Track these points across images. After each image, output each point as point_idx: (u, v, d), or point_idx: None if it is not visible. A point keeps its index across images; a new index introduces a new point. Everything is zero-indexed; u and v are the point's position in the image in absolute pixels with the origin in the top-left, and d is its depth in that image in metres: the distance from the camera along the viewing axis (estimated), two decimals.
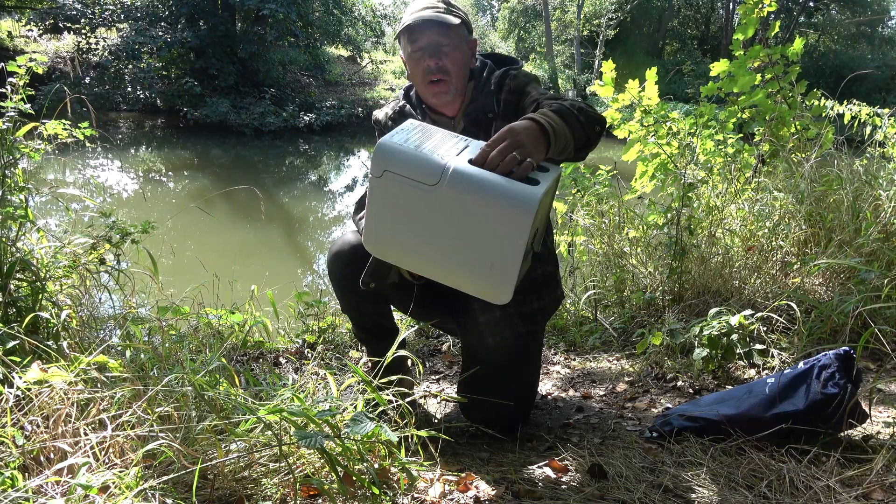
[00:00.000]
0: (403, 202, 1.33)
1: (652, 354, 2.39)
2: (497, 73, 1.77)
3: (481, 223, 1.29)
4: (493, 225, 1.29)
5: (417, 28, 1.70)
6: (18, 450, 1.19)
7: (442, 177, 1.28)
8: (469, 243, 1.33)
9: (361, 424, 1.27)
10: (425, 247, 1.38)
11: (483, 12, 35.09)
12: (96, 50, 15.41)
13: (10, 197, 2.10)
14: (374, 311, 1.90)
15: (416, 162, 1.30)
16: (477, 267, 1.35)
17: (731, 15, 26.07)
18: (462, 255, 1.35)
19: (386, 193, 1.33)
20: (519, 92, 1.74)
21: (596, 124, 1.52)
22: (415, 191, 1.30)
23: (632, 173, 3.63)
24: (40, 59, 2.26)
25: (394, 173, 1.30)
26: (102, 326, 2.35)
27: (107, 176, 10.31)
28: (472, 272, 1.37)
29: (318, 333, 2.83)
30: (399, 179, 1.30)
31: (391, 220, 1.37)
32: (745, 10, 3.43)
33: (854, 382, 1.54)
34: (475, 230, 1.30)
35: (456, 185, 1.28)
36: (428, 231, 1.35)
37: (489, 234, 1.30)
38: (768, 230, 2.78)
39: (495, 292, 1.37)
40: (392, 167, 1.30)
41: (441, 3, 1.75)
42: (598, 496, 1.38)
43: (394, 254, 1.46)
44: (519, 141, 1.31)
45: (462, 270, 1.38)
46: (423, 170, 1.29)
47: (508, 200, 1.26)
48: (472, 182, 1.27)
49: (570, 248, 3.33)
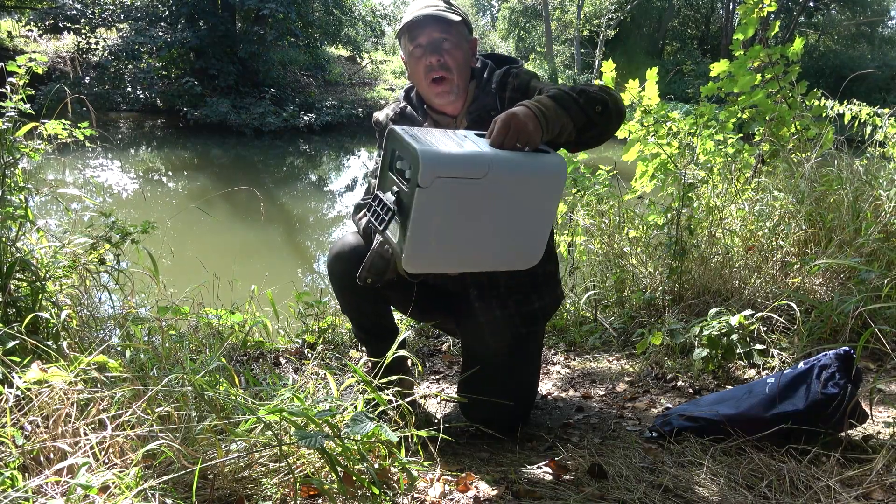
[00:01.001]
0: (456, 204, 1.34)
1: (652, 354, 2.39)
2: (499, 72, 1.77)
3: (523, 200, 1.38)
4: (533, 198, 1.39)
5: (418, 25, 1.70)
6: (18, 450, 1.19)
7: (490, 167, 1.32)
8: (511, 223, 1.39)
9: (361, 424, 1.27)
10: (468, 243, 1.40)
11: (483, 12, 35.10)
12: (96, 50, 15.40)
13: (10, 197, 2.10)
14: (374, 311, 1.90)
15: (463, 160, 1.32)
16: (514, 243, 1.43)
17: (731, 15, 26.07)
18: (503, 236, 1.41)
19: (437, 201, 1.31)
20: (523, 89, 1.74)
21: (596, 104, 1.51)
22: (465, 188, 1.32)
23: (632, 173, 3.63)
24: (40, 59, 2.27)
25: (445, 178, 1.29)
26: (102, 326, 2.35)
27: (107, 176, 10.31)
28: (509, 250, 1.44)
29: (318, 333, 2.83)
30: (450, 182, 1.30)
31: (440, 229, 1.35)
32: (745, 10, 3.43)
33: (854, 382, 1.54)
34: (517, 208, 1.38)
35: (500, 171, 1.33)
36: (472, 225, 1.38)
37: (529, 208, 1.40)
38: (768, 230, 2.78)
39: (527, 259, 1.47)
40: (443, 171, 1.29)
41: (441, 1, 1.75)
42: (598, 496, 1.38)
43: (440, 264, 1.45)
44: (522, 124, 1.38)
45: (499, 252, 1.44)
46: (472, 165, 1.32)
47: (546, 170, 1.37)
48: (511, 164, 1.35)
49: (570, 248, 3.32)
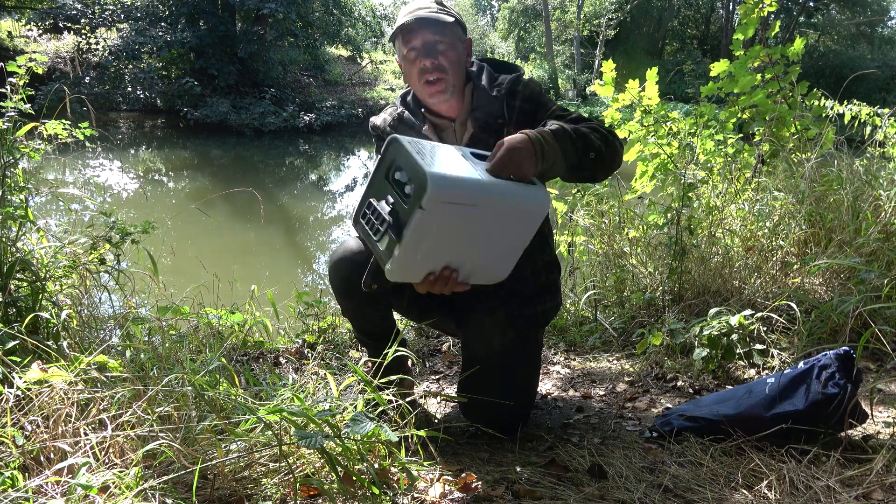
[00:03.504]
0: (453, 226, 1.37)
1: (652, 354, 2.39)
2: (508, 79, 1.77)
3: (509, 226, 1.46)
4: (515, 226, 1.47)
5: (411, 28, 1.70)
6: (18, 450, 1.20)
7: (484, 193, 1.37)
8: (490, 245, 1.47)
9: (361, 424, 1.27)
10: (449, 259, 1.44)
11: (483, 12, 35.10)
12: (96, 50, 15.41)
13: (10, 197, 2.10)
14: (376, 314, 1.89)
15: (468, 187, 1.36)
16: (489, 262, 1.52)
17: (731, 15, 26.07)
18: (481, 257, 1.49)
19: (434, 223, 1.33)
20: (535, 101, 1.76)
21: (592, 151, 1.56)
22: (461, 212, 1.35)
23: (632, 173, 3.63)
24: (40, 59, 2.27)
25: (448, 203, 1.31)
26: (102, 326, 2.35)
27: (107, 176, 10.31)
28: (483, 268, 1.52)
29: (318, 333, 2.83)
30: (450, 206, 1.32)
31: (428, 246, 1.38)
32: (745, 10, 3.43)
33: (854, 382, 1.54)
34: (500, 233, 1.46)
35: (493, 200, 1.40)
36: (458, 244, 1.43)
37: (510, 234, 1.48)
38: (768, 230, 2.78)
39: (495, 276, 1.57)
40: (448, 198, 1.31)
41: (434, 3, 1.75)
42: (598, 496, 1.38)
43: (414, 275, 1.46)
44: (521, 160, 1.44)
45: (474, 269, 1.50)
46: (473, 192, 1.36)
47: (532, 203, 1.46)
48: (504, 194, 1.41)
49: (570, 248, 3.32)
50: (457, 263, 1.45)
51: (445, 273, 1.45)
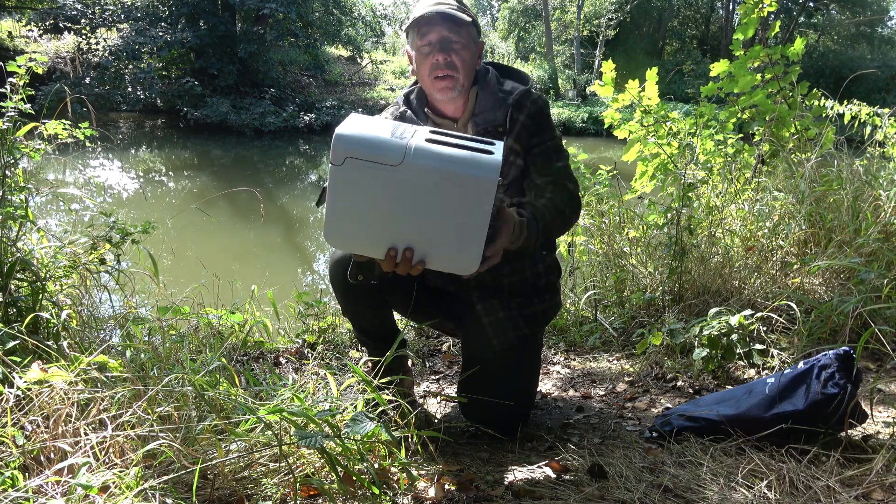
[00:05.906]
0: (367, 187, 1.32)
1: (652, 354, 2.39)
2: (519, 91, 1.77)
3: (447, 196, 1.32)
4: (459, 195, 1.32)
5: (428, 22, 1.69)
6: (18, 450, 1.20)
7: (405, 156, 1.30)
8: (435, 218, 1.35)
9: (361, 424, 1.27)
10: (387, 230, 1.37)
11: (483, 12, 35.07)
12: (96, 50, 15.40)
13: (10, 197, 2.10)
14: (375, 314, 1.89)
15: (377, 144, 1.31)
16: (444, 242, 1.38)
17: (731, 15, 26.07)
18: (429, 231, 1.37)
19: (348, 181, 1.32)
20: (538, 122, 1.77)
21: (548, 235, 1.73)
22: (379, 173, 1.30)
23: (632, 173, 3.63)
24: (40, 59, 2.27)
25: (356, 158, 1.30)
26: (102, 326, 2.35)
27: (107, 176, 10.31)
28: (440, 247, 1.39)
29: (318, 333, 2.83)
30: (362, 164, 1.30)
31: (353, 208, 1.35)
32: (745, 10, 3.43)
33: (854, 382, 1.54)
34: (441, 204, 1.33)
35: (419, 162, 1.30)
36: (392, 213, 1.35)
37: (456, 206, 1.33)
38: (768, 230, 2.78)
39: (463, 264, 1.40)
40: (353, 153, 1.30)
41: (454, 0, 1.74)
42: (598, 496, 1.38)
43: (358, 244, 1.43)
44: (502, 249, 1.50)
45: (427, 249, 1.39)
46: (385, 150, 1.30)
47: (473, 167, 1.31)
48: (434, 156, 1.31)
49: (570, 248, 3.33)
50: (405, 239, 1.39)
51: (392, 253, 1.38)
